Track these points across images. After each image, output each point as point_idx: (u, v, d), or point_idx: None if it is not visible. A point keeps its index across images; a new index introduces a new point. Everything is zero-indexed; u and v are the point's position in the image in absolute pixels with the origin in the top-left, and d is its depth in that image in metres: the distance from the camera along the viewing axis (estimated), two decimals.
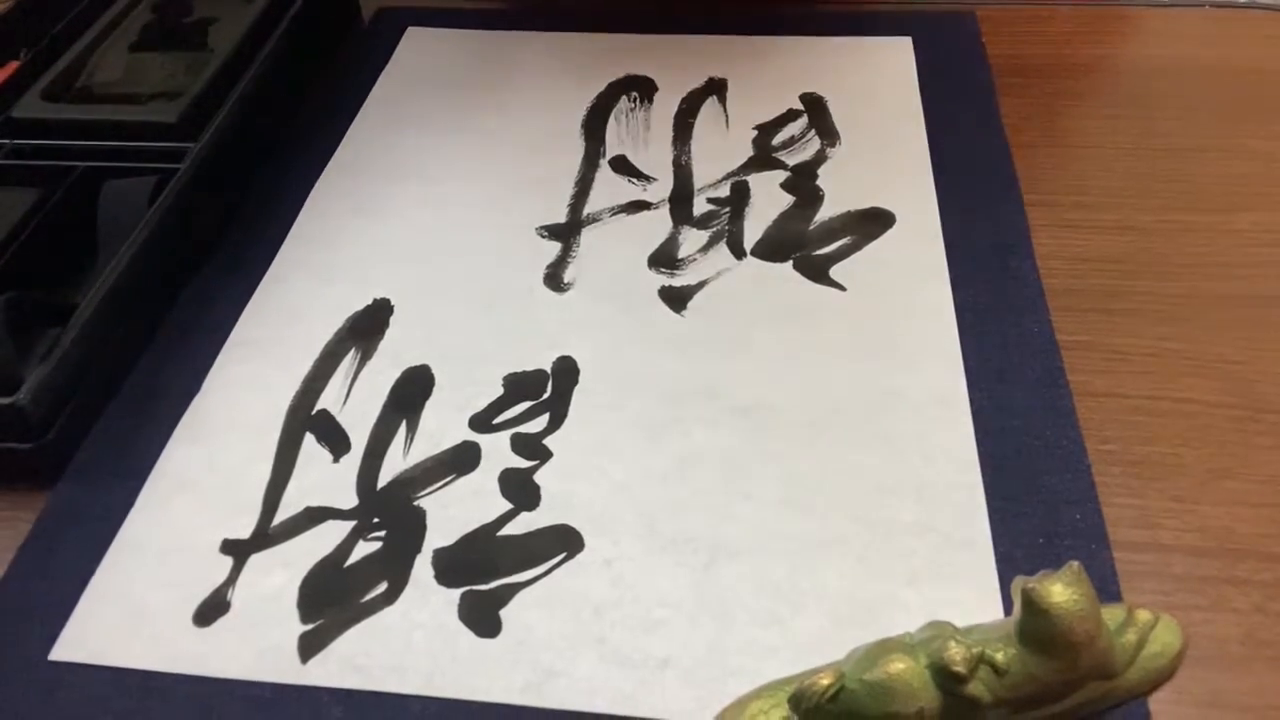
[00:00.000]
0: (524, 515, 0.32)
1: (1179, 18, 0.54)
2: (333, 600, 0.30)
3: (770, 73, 0.50)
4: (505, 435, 0.35)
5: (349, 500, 0.33)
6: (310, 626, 0.30)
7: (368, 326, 0.39)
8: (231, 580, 0.31)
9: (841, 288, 0.39)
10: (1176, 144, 0.45)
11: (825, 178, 0.44)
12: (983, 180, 0.43)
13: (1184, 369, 0.36)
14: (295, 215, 0.44)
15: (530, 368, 0.37)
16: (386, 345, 0.38)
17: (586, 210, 0.43)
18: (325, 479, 0.34)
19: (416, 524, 0.32)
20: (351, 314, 0.39)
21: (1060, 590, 0.24)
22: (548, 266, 0.41)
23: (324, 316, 0.39)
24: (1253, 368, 0.36)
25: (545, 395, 0.36)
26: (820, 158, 0.45)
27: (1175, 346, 0.36)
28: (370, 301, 0.40)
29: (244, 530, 0.32)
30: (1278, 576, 0.30)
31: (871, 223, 0.42)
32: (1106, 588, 0.29)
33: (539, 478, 0.33)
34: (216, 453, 0.35)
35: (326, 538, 0.32)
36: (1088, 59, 0.51)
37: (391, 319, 0.39)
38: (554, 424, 0.35)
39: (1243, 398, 0.35)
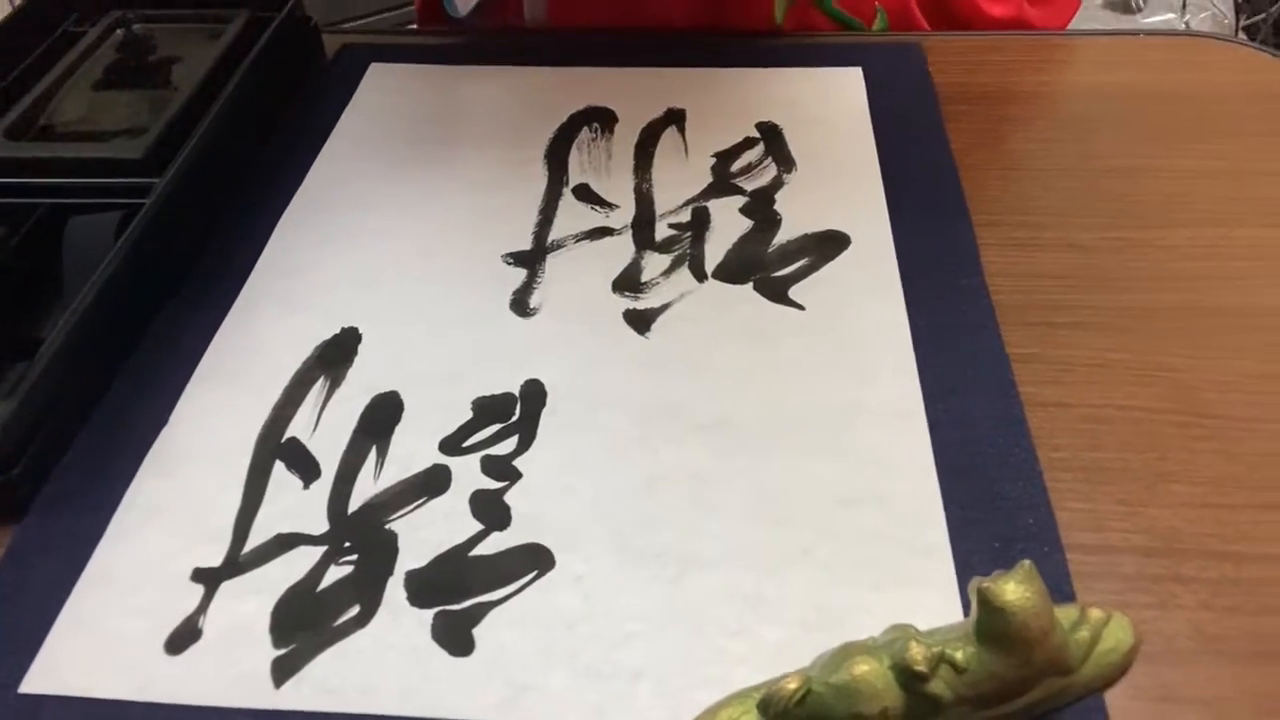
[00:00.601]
0: (495, 535, 0.33)
1: (1117, 46, 0.57)
2: (305, 625, 0.30)
3: (727, 103, 0.52)
4: (475, 458, 0.35)
5: (320, 526, 0.33)
6: (283, 651, 0.30)
7: (336, 354, 0.39)
8: (203, 608, 0.31)
9: (800, 307, 0.40)
10: (1115, 164, 0.47)
11: (782, 202, 0.45)
12: (933, 202, 0.45)
13: (1128, 378, 0.37)
14: (262, 247, 0.44)
15: (499, 391, 0.37)
16: (355, 372, 0.38)
17: (551, 237, 0.44)
18: (296, 506, 0.34)
19: (388, 547, 0.32)
20: (320, 342, 0.40)
21: (1013, 588, 0.25)
22: (514, 292, 0.42)
23: (292, 345, 0.39)
24: (1193, 375, 0.37)
25: (514, 417, 0.37)
26: (777, 183, 0.47)
27: (1119, 357, 0.38)
28: (339, 330, 0.40)
29: (215, 558, 0.32)
30: (1223, 574, 0.31)
31: (828, 245, 0.43)
32: (1060, 588, 0.30)
33: (509, 498, 0.34)
34: (186, 482, 0.35)
35: (298, 564, 0.32)
36: (1030, 86, 0.53)
37: (360, 346, 0.40)
38: (523, 445, 0.36)
39: (1184, 404, 0.36)
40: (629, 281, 0.42)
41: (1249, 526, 0.32)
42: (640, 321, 0.40)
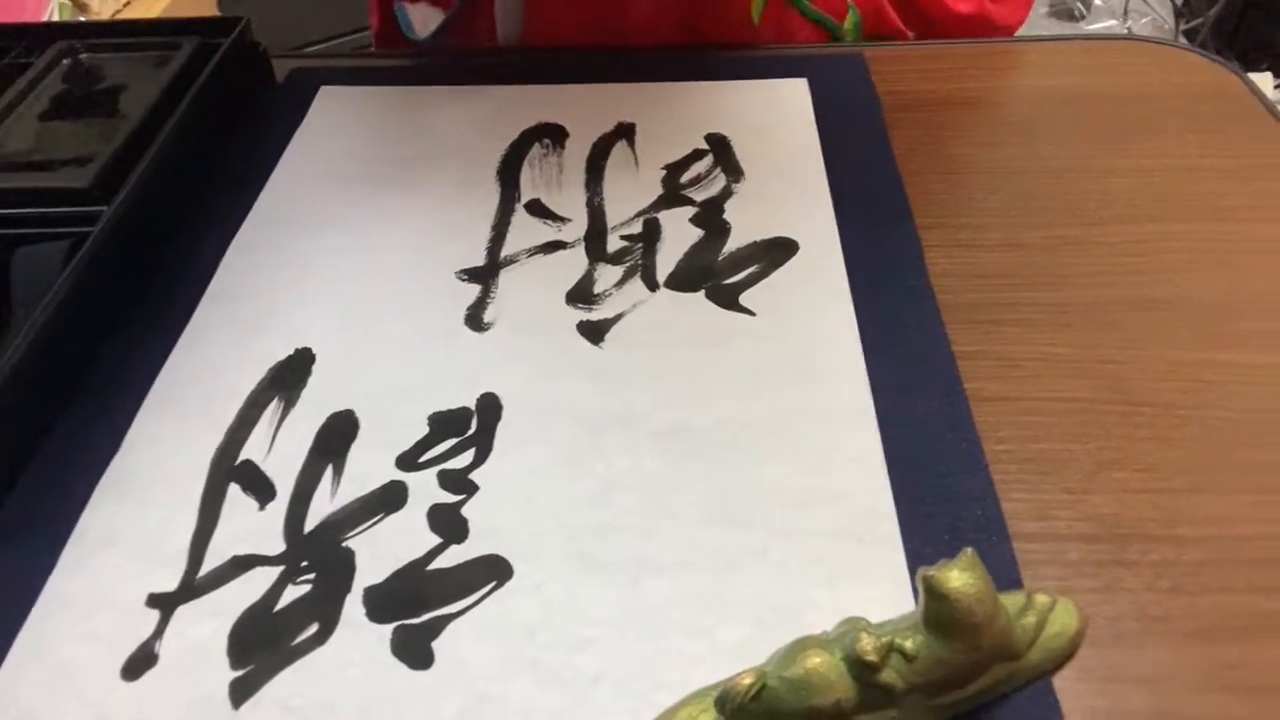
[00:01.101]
0: (453, 548, 0.33)
1: (1058, 51, 0.59)
2: (263, 645, 0.30)
3: (676, 116, 0.53)
4: (432, 472, 0.35)
5: (276, 546, 0.33)
6: (241, 673, 0.30)
7: (290, 375, 0.39)
8: (159, 633, 0.31)
9: (751, 313, 0.41)
10: (1054, 165, 0.49)
11: (732, 211, 0.46)
12: (878, 207, 0.46)
13: (1070, 371, 0.38)
14: (213, 271, 0.44)
15: (454, 405, 0.38)
16: (310, 392, 0.38)
17: (504, 252, 0.45)
18: (251, 527, 0.34)
19: (345, 564, 0.32)
20: (274, 364, 0.40)
21: (957, 575, 0.26)
22: (468, 308, 0.42)
23: (245, 368, 0.39)
24: (1131, 366, 0.38)
25: (470, 431, 0.37)
26: (726, 193, 0.47)
27: (1061, 351, 0.39)
28: (292, 351, 0.40)
29: (170, 582, 0.32)
30: (1164, 556, 0.32)
31: (777, 251, 0.44)
32: (1008, 576, 0.31)
33: (466, 511, 0.34)
34: (140, 507, 0.35)
35: (255, 584, 0.32)
36: (972, 92, 0.55)
37: (314, 366, 0.40)
38: (480, 458, 0.36)
39: (1123, 394, 0.37)
40: (582, 293, 0.42)
41: (1188, 510, 0.33)
42: (594, 332, 0.41)
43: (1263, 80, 1.49)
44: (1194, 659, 0.29)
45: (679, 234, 0.45)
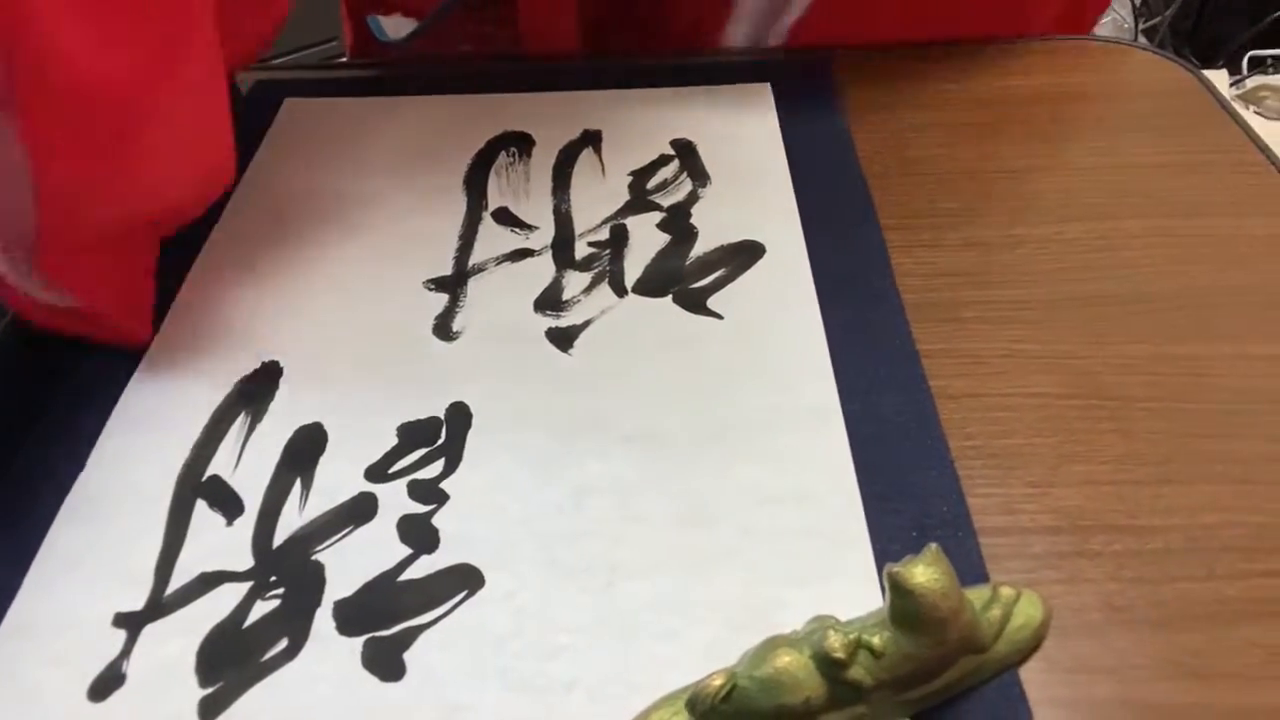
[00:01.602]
0: (424, 559, 0.33)
1: (1017, 52, 0.59)
2: (232, 662, 0.30)
3: (642, 122, 0.53)
4: (402, 483, 0.35)
5: (244, 562, 0.33)
6: (210, 690, 0.29)
7: (257, 389, 0.39)
8: (126, 652, 0.31)
9: (719, 316, 0.41)
10: (1013, 165, 0.49)
11: (698, 216, 0.46)
12: (843, 209, 0.46)
13: (1034, 367, 0.39)
14: (177, 287, 0.44)
15: (423, 415, 0.38)
16: (277, 406, 0.38)
17: (472, 261, 0.45)
18: (219, 544, 0.34)
19: (315, 578, 0.32)
20: (240, 378, 0.39)
21: (921, 570, 0.26)
22: (436, 317, 0.42)
23: (211, 383, 0.39)
24: (1094, 360, 0.39)
25: (440, 441, 0.37)
26: (693, 198, 0.48)
27: (1024, 347, 0.40)
28: (259, 365, 0.40)
29: (136, 601, 0.32)
30: (1127, 547, 0.33)
31: (743, 255, 0.44)
32: (974, 571, 0.31)
33: (437, 521, 0.34)
34: (105, 527, 0.34)
35: (223, 601, 0.32)
36: (934, 93, 0.55)
37: (281, 380, 0.39)
38: (450, 468, 0.36)
39: (1087, 388, 0.38)
40: (550, 301, 0.43)
41: (1149, 500, 0.34)
42: (563, 339, 0.41)
43: (1218, 77, 1.51)
44: (1157, 647, 0.30)
45: (646, 239, 0.45)
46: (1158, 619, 0.31)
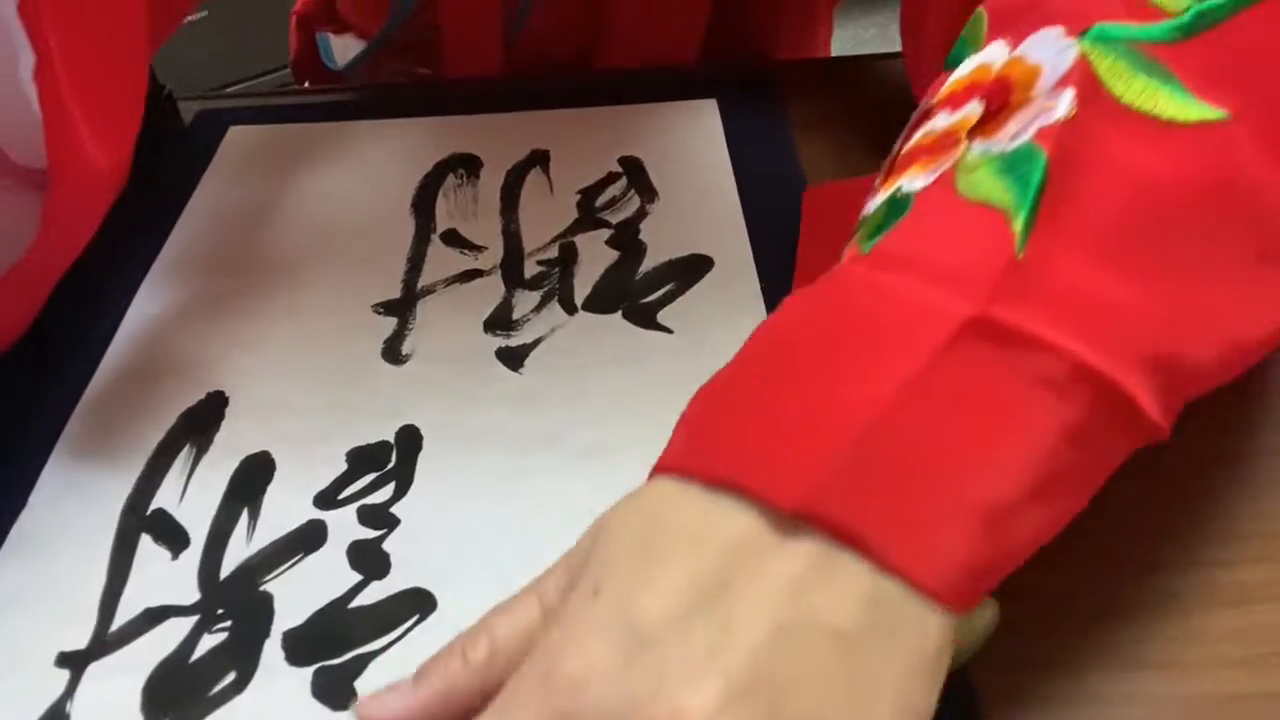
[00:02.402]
0: (375, 584, 0.32)
1: None
2: (179, 699, 0.30)
3: (589, 141, 0.53)
4: (352, 509, 0.35)
5: (191, 595, 0.32)
6: None
7: (202, 420, 0.38)
8: (69, 693, 0.30)
9: (669, 331, 0.41)
10: None
11: (647, 232, 0.47)
12: (789, 221, 0.47)
13: None
14: (120, 318, 0.43)
15: (373, 440, 0.37)
16: (223, 436, 0.38)
17: (420, 283, 0.45)
18: (164, 578, 0.33)
19: (263, 609, 0.32)
20: (184, 409, 0.39)
21: None
22: (385, 341, 0.42)
23: (155, 415, 0.39)
24: None
25: (390, 465, 0.36)
26: (641, 214, 0.48)
27: None
28: (204, 395, 0.39)
29: (80, 640, 0.31)
30: (1068, 539, 0.33)
31: (692, 269, 0.44)
32: None
33: (388, 545, 0.34)
34: (48, 564, 0.34)
35: (169, 636, 0.31)
36: (875, 106, 0.56)
37: (227, 410, 0.39)
38: (400, 491, 0.35)
39: None
40: (500, 320, 0.42)
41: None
42: (513, 358, 0.41)
43: None
44: (1099, 637, 0.30)
45: (595, 256, 0.46)
46: (1098, 610, 0.31)
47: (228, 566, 0.33)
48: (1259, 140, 0.26)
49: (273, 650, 0.31)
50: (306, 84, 0.75)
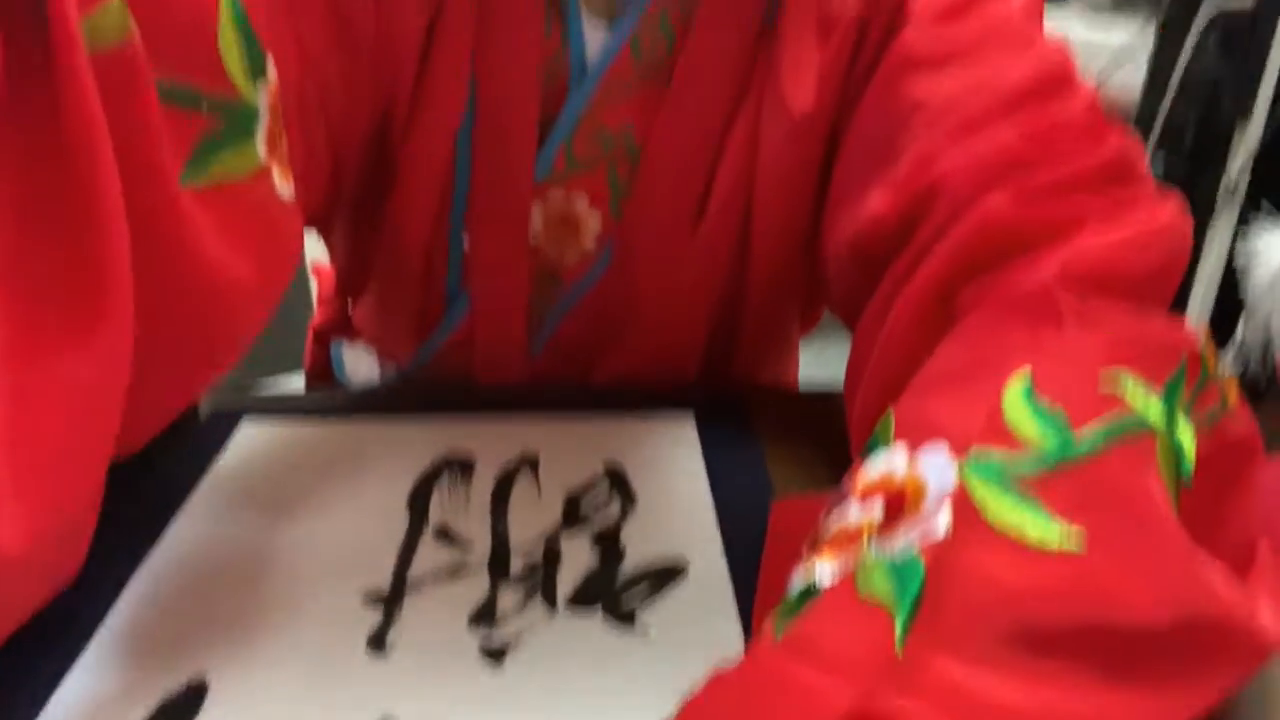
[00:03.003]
0: None
1: None
2: None
3: (577, 447, 0.58)
4: None
5: None
6: None
7: (179, 710, 0.39)
8: None
9: (646, 631, 0.43)
10: None
11: (627, 535, 0.50)
12: (759, 529, 0.50)
13: None
14: (108, 608, 0.44)
15: None
16: None
17: (409, 576, 0.47)
18: None
19: None
20: (162, 699, 0.39)
21: None
22: (371, 632, 0.43)
23: (132, 703, 0.39)
24: None
25: None
26: (622, 518, 0.51)
27: None
28: (184, 683, 0.40)
29: None
30: None
31: (669, 572, 0.47)
32: None
33: None
34: None
35: None
36: (835, 430, 0.61)
37: (207, 699, 0.39)
38: None
39: None
40: (484, 616, 0.44)
41: None
42: (495, 655, 0.42)
43: None
44: None
45: (578, 557, 0.48)
46: None
47: None
48: (1114, 566, 0.31)
49: None
50: None
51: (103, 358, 0.32)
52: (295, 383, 0.86)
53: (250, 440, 0.58)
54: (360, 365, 0.74)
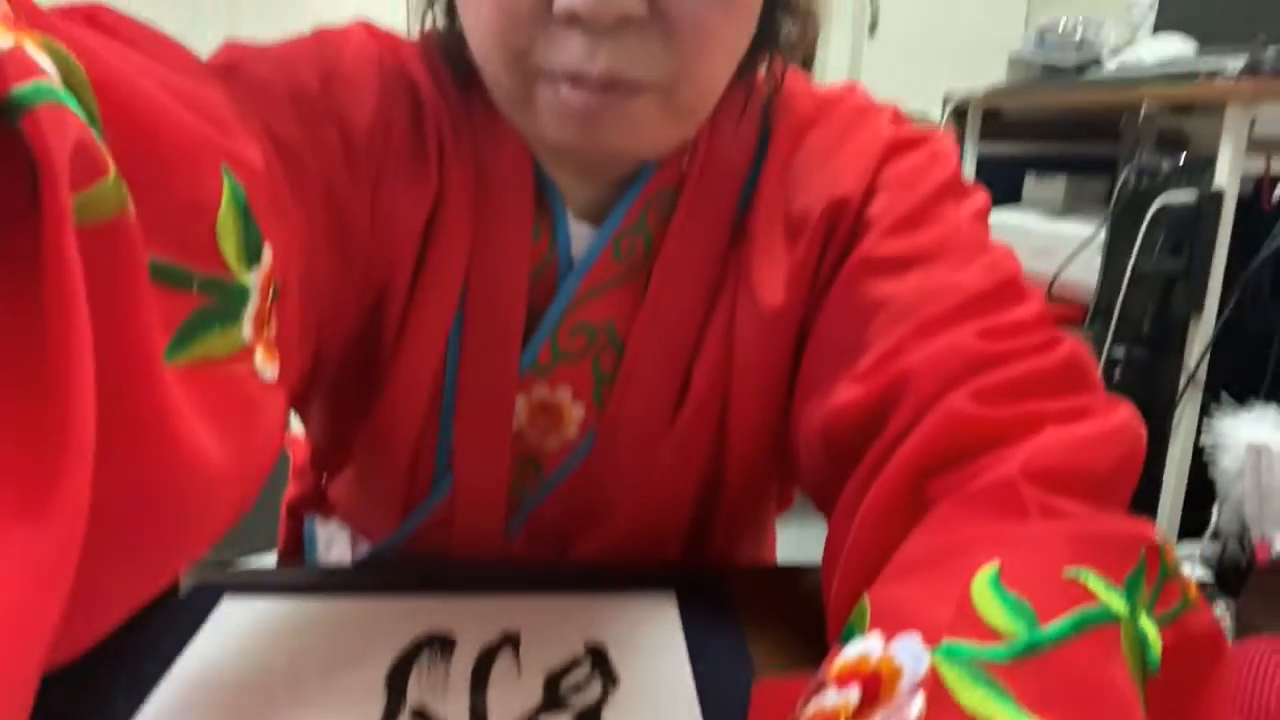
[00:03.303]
0: None
1: None
2: None
3: (558, 625, 0.58)
4: None
5: None
6: None
7: None
8: None
9: None
10: None
11: (608, 716, 0.49)
12: (740, 709, 0.50)
13: None
14: None
15: None
16: None
17: None
18: None
19: None
20: None
21: None
22: None
23: None
24: None
25: None
26: (604, 698, 0.51)
27: None
28: None
29: None
30: None
31: None
32: None
33: None
34: None
35: None
36: (813, 608, 0.62)
37: None
38: None
39: None
40: None
41: None
42: None
43: None
44: None
45: None
46: None
47: None
48: None
49: None
50: None
51: (52, 536, 0.28)
52: (268, 560, 0.85)
53: (231, 617, 0.58)
54: (334, 541, 0.74)
